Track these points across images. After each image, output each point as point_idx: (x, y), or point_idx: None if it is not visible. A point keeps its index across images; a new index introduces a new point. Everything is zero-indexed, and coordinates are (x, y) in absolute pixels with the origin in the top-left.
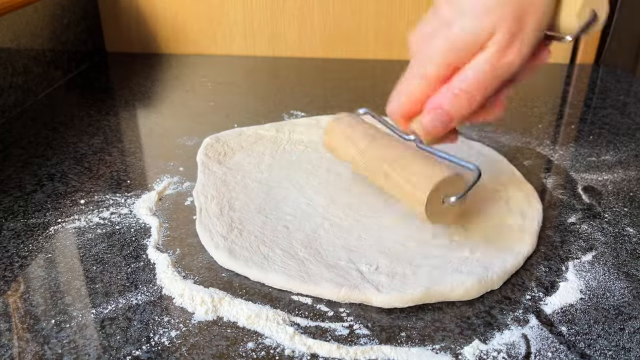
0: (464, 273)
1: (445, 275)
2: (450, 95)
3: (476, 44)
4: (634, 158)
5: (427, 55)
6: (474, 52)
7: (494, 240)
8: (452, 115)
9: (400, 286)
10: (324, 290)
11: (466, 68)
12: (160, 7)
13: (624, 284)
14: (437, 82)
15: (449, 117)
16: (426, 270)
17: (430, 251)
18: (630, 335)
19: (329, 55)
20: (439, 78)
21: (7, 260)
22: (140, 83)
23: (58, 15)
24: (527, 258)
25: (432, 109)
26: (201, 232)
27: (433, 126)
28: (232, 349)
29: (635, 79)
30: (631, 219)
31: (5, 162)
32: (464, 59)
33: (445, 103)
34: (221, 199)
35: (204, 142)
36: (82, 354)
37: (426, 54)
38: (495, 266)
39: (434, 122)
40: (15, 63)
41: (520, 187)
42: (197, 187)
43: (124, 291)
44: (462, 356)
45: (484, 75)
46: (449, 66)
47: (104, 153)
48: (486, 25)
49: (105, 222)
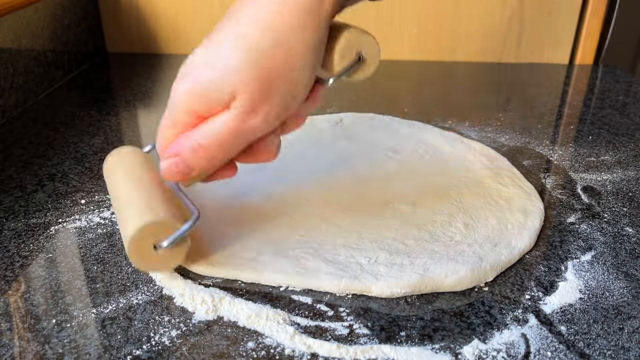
0: (459, 262)
1: (441, 264)
2: (188, 146)
3: (221, 101)
4: (633, 158)
5: (175, 101)
6: (217, 107)
7: (494, 237)
8: (192, 167)
9: (397, 274)
10: (324, 283)
11: (210, 123)
12: (160, 7)
13: (623, 284)
14: (184, 129)
15: (188, 168)
16: (423, 260)
17: (429, 247)
18: (630, 334)
19: None
20: (185, 126)
21: (8, 260)
22: (141, 83)
23: (59, 16)
24: (523, 253)
25: (170, 155)
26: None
27: (170, 173)
28: (232, 348)
29: (635, 79)
30: (630, 219)
31: (6, 162)
32: (210, 112)
33: (183, 152)
34: None
35: None
36: (83, 354)
37: (174, 98)
38: (490, 258)
39: (170, 169)
40: (16, 63)
41: (521, 186)
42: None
43: (125, 291)
44: (462, 356)
45: (223, 136)
46: (196, 116)
47: (104, 153)
48: (227, 88)
49: (106, 222)
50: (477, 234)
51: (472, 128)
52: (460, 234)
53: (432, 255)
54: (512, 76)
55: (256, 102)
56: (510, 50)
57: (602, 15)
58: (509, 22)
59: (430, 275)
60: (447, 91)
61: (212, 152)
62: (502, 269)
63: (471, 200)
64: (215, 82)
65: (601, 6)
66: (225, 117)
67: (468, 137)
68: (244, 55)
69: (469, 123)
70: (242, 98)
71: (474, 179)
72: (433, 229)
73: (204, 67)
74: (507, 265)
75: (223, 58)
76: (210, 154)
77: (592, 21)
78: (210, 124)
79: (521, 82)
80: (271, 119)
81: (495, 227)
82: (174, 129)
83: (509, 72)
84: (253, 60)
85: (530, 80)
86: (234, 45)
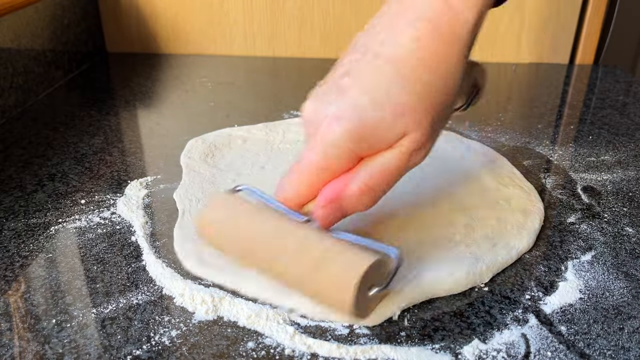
0: (454, 265)
1: (431, 271)
2: (351, 192)
3: (388, 141)
4: (633, 158)
5: (331, 142)
6: (381, 147)
7: (493, 237)
8: (347, 212)
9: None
10: (302, 305)
11: (373, 163)
12: (160, 7)
13: (623, 284)
14: (339, 173)
15: (345, 212)
16: (415, 271)
17: (427, 251)
18: (630, 334)
19: (329, 56)
20: (343, 169)
21: (8, 260)
22: (141, 83)
23: (58, 16)
24: (522, 254)
25: (330, 202)
26: (177, 235)
27: (329, 221)
28: (232, 348)
29: (635, 79)
30: (630, 219)
31: (6, 162)
32: (369, 152)
33: (344, 198)
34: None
35: (188, 144)
36: (83, 354)
37: (330, 140)
38: (487, 258)
39: (329, 217)
40: (15, 63)
41: (521, 186)
42: (179, 189)
43: (125, 291)
44: (462, 355)
45: (390, 176)
46: (354, 155)
47: (104, 153)
48: (399, 128)
49: (106, 222)
50: (477, 234)
51: (472, 128)
52: (460, 235)
53: (425, 260)
54: (512, 76)
55: (426, 139)
56: (511, 50)
57: (602, 15)
58: (509, 22)
59: (424, 280)
60: None
61: (378, 192)
62: (498, 269)
63: (471, 201)
64: (386, 123)
65: (601, 6)
66: (392, 155)
67: (468, 137)
68: (416, 93)
69: (469, 123)
70: (412, 137)
71: (474, 179)
72: (432, 229)
73: (369, 108)
74: (505, 265)
75: (392, 97)
76: (376, 194)
77: (592, 21)
78: (375, 165)
79: (521, 82)
80: (430, 149)
81: (495, 227)
82: (326, 172)
83: (509, 72)
84: (424, 98)
85: (530, 80)
86: (403, 85)
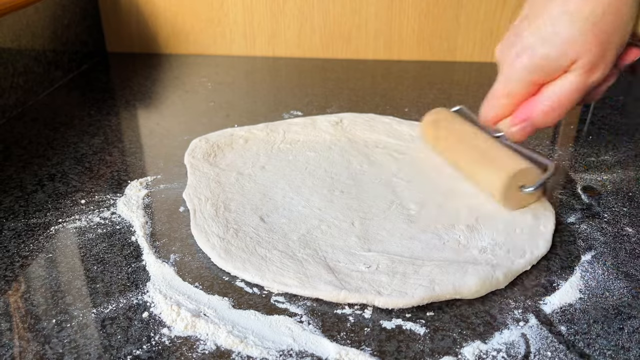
0: (469, 273)
1: (448, 274)
2: (539, 111)
3: (560, 68)
4: (633, 158)
5: (512, 75)
6: (556, 73)
7: (504, 241)
8: (538, 127)
9: (400, 286)
10: (322, 293)
11: (554, 87)
12: (160, 7)
13: (623, 284)
14: (522, 99)
15: (535, 128)
16: (428, 269)
17: (435, 253)
18: (630, 334)
19: (328, 55)
20: (523, 96)
21: (8, 260)
22: (141, 83)
23: (59, 16)
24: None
25: (521, 120)
26: (197, 233)
27: (520, 135)
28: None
29: (635, 79)
30: (630, 219)
31: (6, 162)
32: (547, 79)
33: (534, 117)
34: (216, 200)
35: (191, 144)
36: (83, 354)
37: (511, 73)
38: (503, 267)
39: (520, 132)
40: (16, 63)
41: None
42: (187, 189)
43: (125, 291)
44: (462, 355)
45: (571, 95)
46: (534, 85)
47: (104, 153)
48: (570, 55)
49: (106, 222)
50: (484, 237)
51: None
52: (464, 237)
53: (440, 264)
54: None
55: (597, 60)
56: None
57: None
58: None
59: (439, 287)
60: (447, 91)
61: (561, 110)
62: (514, 276)
63: (475, 202)
64: (557, 54)
65: None
66: (569, 79)
67: None
68: (582, 24)
69: None
70: (584, 60)
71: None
72: (437, 231)
73: (540, 45)
74: (521, 272)
75: (560, 34)
76: (559, 112)
77: None
78: (556, 88)
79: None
80: (606, 70)
81: (505, 229)
82: (509, 98)
83: None
84: (590, 26)
85: None
86: (568, 19)
